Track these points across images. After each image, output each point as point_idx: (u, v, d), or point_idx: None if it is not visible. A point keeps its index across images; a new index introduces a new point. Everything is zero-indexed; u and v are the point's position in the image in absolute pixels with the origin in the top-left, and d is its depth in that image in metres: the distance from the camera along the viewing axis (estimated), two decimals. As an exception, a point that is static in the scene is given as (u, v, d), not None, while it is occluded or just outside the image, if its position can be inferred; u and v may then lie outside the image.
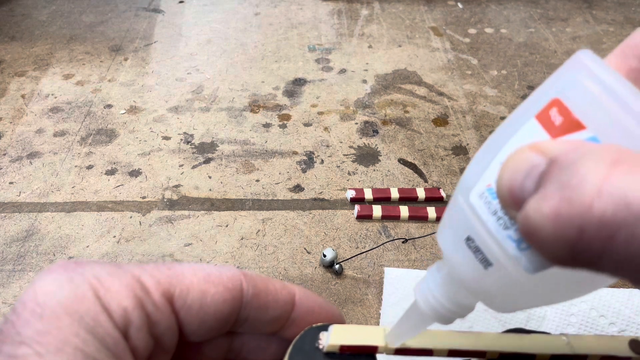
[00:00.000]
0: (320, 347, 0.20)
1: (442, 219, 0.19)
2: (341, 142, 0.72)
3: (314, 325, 0.21)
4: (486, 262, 0.16)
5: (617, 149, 0.13)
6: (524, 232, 0.13)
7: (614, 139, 0.14)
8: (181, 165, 0.68)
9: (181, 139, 0.72)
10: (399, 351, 0.20)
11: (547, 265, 0.15)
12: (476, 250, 0.16)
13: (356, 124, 0.75)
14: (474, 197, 0.16)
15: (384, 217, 0.60)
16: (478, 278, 0.17)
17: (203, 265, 0.19)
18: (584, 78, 0.15)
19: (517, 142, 0.16)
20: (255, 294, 0.19)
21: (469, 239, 0.17)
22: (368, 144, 0.71)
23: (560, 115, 0.15)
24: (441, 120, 0.76)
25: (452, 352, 0.20)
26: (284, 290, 0.20)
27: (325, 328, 0.21)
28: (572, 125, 0.15)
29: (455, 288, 0.18)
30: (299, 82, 0.83)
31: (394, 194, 0.62)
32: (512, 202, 0.14)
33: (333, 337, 0.20)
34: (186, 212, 0.61)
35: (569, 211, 0.12)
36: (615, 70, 0.18)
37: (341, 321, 0.22)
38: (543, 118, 0.15)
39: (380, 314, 0.50)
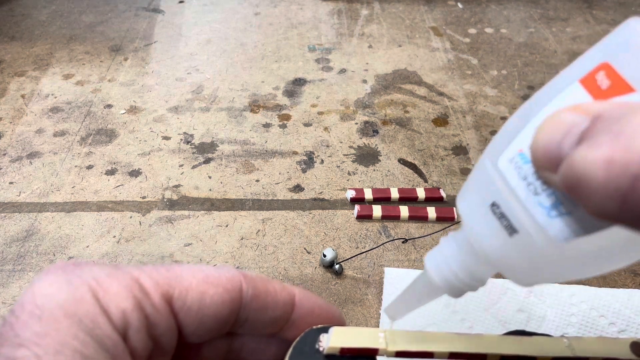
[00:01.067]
0: (321, 349, 0.20)
1: (465, 184, 0.17)
2: (341, 142, 0.72)
3: (314, 327, 0.21)
4: (512, 229, 0.15)
5: None
6: (568, 183, 0.12)
7: None
8: (181, 165, 0.68)
9: (181, 139, 0.72)
10: (400, 354, 0.20)
11: (579, 233, 0.14)
12: (501, 217, 0.15)
13: (356, 124, 0.75)
14: (504, 162, 0.16)
15: (384, 217, 0.60)
16: (501, 246, 0.16)
17: (202, 266, 0.19)
18: (636, 42, 0.14)
19: (556, 105, 0.15)
20: (255, 295, 0.19)
21: (494, 205, 0.16)
22: (368, 144, 0.71)
23: (608, 78, 0.14)
24: (441, 120, 0.76)
25: (452, 355, 0.20)
26: (284, 292, 0.20)
27: (325, 330, 0.21)
28: (621, 88, 0.14)
29: (474, 258, 0.17)
30: (299, 82, 0.83)
31: (394, 194, 0.62)
32: (548, 162, 0.13)
33: (333, 339, 0.20)
34: (186, 212, 0.61)
35: (624, 158, 0.11)
36: None
37: (341, 322, 0.22)
38: (588, 82, 0.15)
39: (380, 314, 0.50)
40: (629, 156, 0.11)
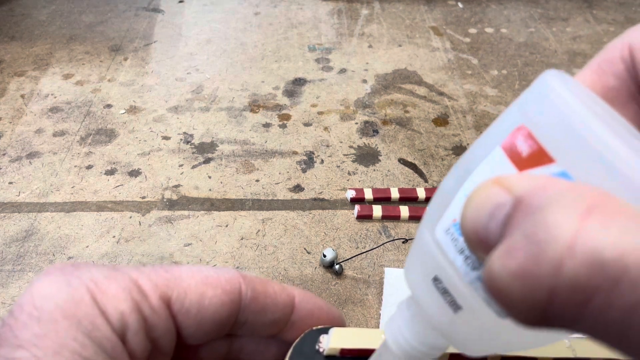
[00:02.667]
0: (321, 350, 0.20)
1: (408, 255, 0.17)
2: (341, 142, 0.71)
3: (314, 328, 0.21)
4: (455, 306, 0.15)
5: (590, 192, 0.11)
6: (490, 290, 0.12)
7: (586, 175, 0.12)
8: (181, 165, 0.68)
9: (181, 139, 0.72)
10: None
11: None
12: (444, 292, 0.15)
13: (356, 123, 0.75)
14: (440, 233, 0.15)
15: (384, 217, 0.60)
16: (447, 321, 0.15)
17: (201, 267, 0.19)
18: (553, 103, 0.13)
19: (481, 173, 0.14)
20: (254, 296, 0.19)
21: (436, 279, 0.15)
22: (368, 144, 0.71)
23: (527, 144, 0.13)
24: (441, 120, 0.76)
25: (453, 356, 0.20)
26: (283, 293, 0.20)
27: (325, 331, 0.21)
28: (540, 157, 0.13)
29: (425, 329, 0.17)
30: (299, 82, 0.83)
31: (394, 194, 0.62)
32: (478, 244, 0.13)
33: (333, 340, 0.20)
34: (186, 212, 0.61)
35: (537, 271, 0.11)
36: (590, 88, 0.16)
37: (342, 323, 0.22)
38: (509, 147, 0.14)
39: (380, 314, 0.50)
40: (541, 270, 0.11)
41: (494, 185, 0.13)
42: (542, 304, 0.11)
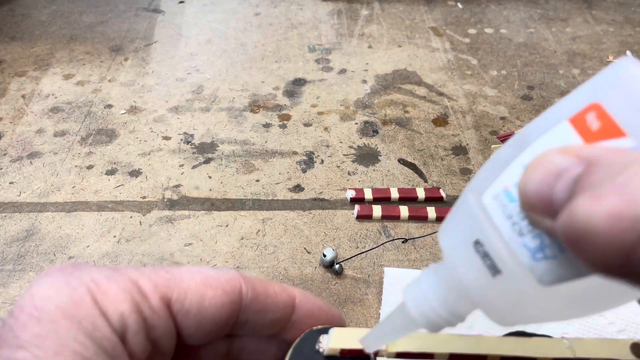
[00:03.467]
0: (321, 350, 0.20)
1: (446, 218, 0.17)
2: (341, 142, 0.72)
3: (314, 328, 0.21)
4: (494, 270, 0.15)
5: None
6: (568, 234, 0.12)
7: None
8: (181, 165, 0.68)
9: (181, 139, 0.72)
10: (400, 355, 0.20)
11: (563, 278, 0.14)
12: (484, 256, 0.15)
13: (356, 124, 0.75)
14: (488, 198, 0.15)
15: (384, 217, 0.60)
16: (483, 285, 0.15)
17: (202, 268, 0.19)
18: (628, 83, 0.14)
19: (544, 144, 0.15)
20: (255, 297, 0.19)
21: (477, 243, 0.15)
22: (368, 144, 0.71)
23: (598, 120, 0.14)
24: (441, 120, 0.76)
25: (453, 356, 0.20)
26: (284, 293, 0.20)
27: (325, 331, 0.21)
28: (612, 131, 0.13)
29: (454, 294, 0.17)
30: (299, 82, 0.83)
31: (394, 194, 0.62)
32: (539, 205, 0.13)
33: (333, 341, 0.20)
34: (186, 212, 0.61)
35: (632, 213, 0.11)
36: None
37: (342, 323, 0.22)
38: (578, 122, 0.14)
39: (380, 314, 0.50)
40: (636, 212, 0.11)
41: (562, 152, 0.13)
42: (629, 246, 0.11)
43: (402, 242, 0.57)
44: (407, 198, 0.63)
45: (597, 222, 0.11)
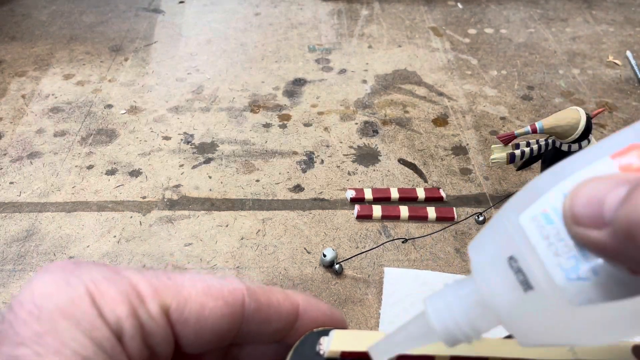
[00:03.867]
0: (321, 352, 0.20)
1: (479, 235, 0.17)
2: (341, 142, 0.72)
3: (314, 329, 0.21)
4: (527, 285, 0.15)
5: None
6: (628, 228, 0.13)
7: None
8: (181, 165, 0.68)
9: (181, 139, 0.72)
10: (401, 357, 0.20)
11: (595, 300, 0.14)
12: (518, 271, 0.15)
13: (356, 124, 0.75)
14: (525, 219, 0.16)
15: (384, 217, 0.60)
16: (513, 300, 0.16)
17: (205, 276, 0.19)
18: None
19: (587, 174, 0.15)
20: (257, 308, 0.19)
21: (511, 258, 0.16)
22: (368, 144, 0.71)
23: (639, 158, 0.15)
24: (441, 120, 0.76)
25: (454, 358, 0.20)
26: (287, 302, 0.20)
27: (326, 333, 0.20)
28: None
29: (479, 309, 0.17)
30: (299, 82, 0.83)
31: (394, 194, 0.62)
32: (588, 217, 0.14)
33: (334, 343, 0.20)
34: (186, 212, 0.61)
35: None
36: None
37: (344, 326, 0.22)
38: (620, 157, 0.15)
39: (380, 313, 0.50)
40: None
41: (607, 176, 0.14)
42: None
43: (402, 242, 0.57)
44: (407, 198, 0.63)
45: None
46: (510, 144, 0.60)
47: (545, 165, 0.61)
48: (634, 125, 0.16)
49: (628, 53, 0.89)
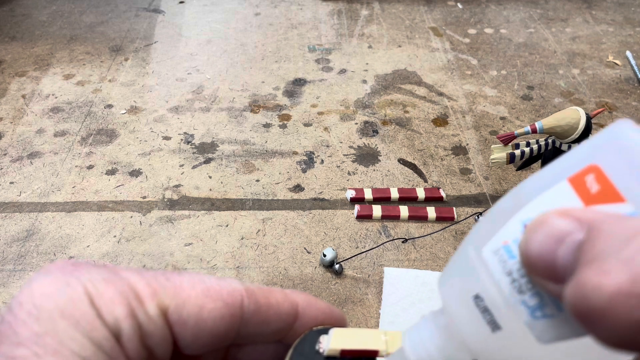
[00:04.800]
0: (321, 350, 0.20)
1: (445, 268, 0.17)
2: (341, 142, 0.72)
3: (314, 328, 0.21)
4: (494, 325, 0.15)
5: None
6: (577, 310, 0.12)
7: None
8: (181, 165, 0.68)
9: (181, 139, 0.72)
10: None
11: (562, 337, 0.14)
12: (484, 311, 0.15)
13: (356, 124, 0.75)
14: (488, 253, 0.15)
15: (384, 217, 0.60)
16: (483, 339, 0.15)
17: (204, 277, 0.19)
18: (627, 147, 0.14)
19: (544, 202, 0.15)
20: (256, 309, 0.19)
21: (477, 297, 0.15)
22: (368, 144, 0.72)
23: (597, 183, 0.14)
24: (441, 120, 0.76)
25: None
26: (286, 302, 0.20)
27: (325, 331, 0.21)
28: (611, 195, 0.14)
29: (453, 343, 0.17)
30: (299, 82, 0.83)
31: (394, 194, 0.63)
32: (542, 269, 0.13)
33: (334, 341, 0.20)
34: (186, 212, 0.61)
35: (639, 290, 0.11)
36: None
37: (343, 324, 0.22)
38: (577, 182, 0.14)
39: (380, 313, 0.50)
40: None
41: (561, 215, 0.13)
42: (638, 323, 0.11)
43: (402, 242, 0.57)
44: (407, 198, 0.63)
45: (605, 299, 0.11)
46: (510, 144, 0.60)
47: (545, 166, 0.61)
48: (590, 143, 0.15)
49: (628, 53, 0.89)
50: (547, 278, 0.13)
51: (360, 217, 0.60)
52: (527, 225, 0.14)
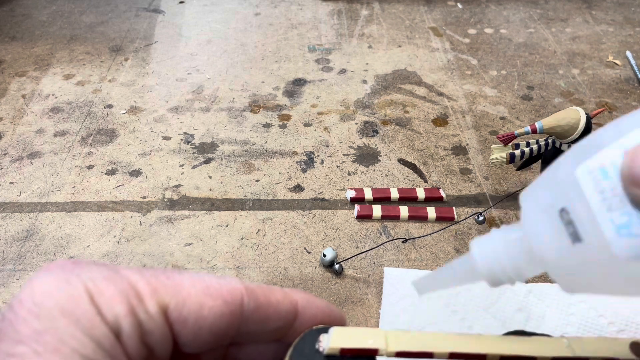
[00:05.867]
0: (321, 349, 0.20)
1: (533, 183, 0.18)
2: (341, 142, 0.72)
3: (314, 327, 0.21)
4: (576, 237, 0.15)
5: None
6: None
7: None
8: (181, 165, 0.68)
9: (181, 139, 0.72)
10: (400, 354, 0.20)
11: None
12: (568, 223, 0.16)
13: (356, 124, 0.75)
14: (582, 172, 0.16)
15: (384, 217, 0.60)
16: (560, 250, 0.16)
17: (204, 275, 0.19)
18: None
19: None
20: (256, 307, 0.19)
21: (563, 210, 0.16)
22: (368, 144, 0.72)
23: None
24: (441, 121, 0.76)
25: (452, 355, 0.20)
26: (286, 301, 0.20)
27: (325, 330, 0.21)
28: None
29: (525, 255, 0.17)
30: (299, 82, 0.83)
31: (394, 194, 0.63)
32: None
33: (333, 340, 0.20)
34: (186, 212, 0.61)
35: None
36: None
37: (343, 323, 0.22)
38: None
39: (380, 313, 0.50)
40: None
41: None
42: None
43: (402, 242, 0.57)
44: (407, 198, 0.63)
45: None
46: (510, 144, 0.60)
47: (545, 166, 0.61)
48: None
49: (628, 53, 0.89)
50: None
51: (360, 217, 0.60)
52: (629, 150, 0.15)
